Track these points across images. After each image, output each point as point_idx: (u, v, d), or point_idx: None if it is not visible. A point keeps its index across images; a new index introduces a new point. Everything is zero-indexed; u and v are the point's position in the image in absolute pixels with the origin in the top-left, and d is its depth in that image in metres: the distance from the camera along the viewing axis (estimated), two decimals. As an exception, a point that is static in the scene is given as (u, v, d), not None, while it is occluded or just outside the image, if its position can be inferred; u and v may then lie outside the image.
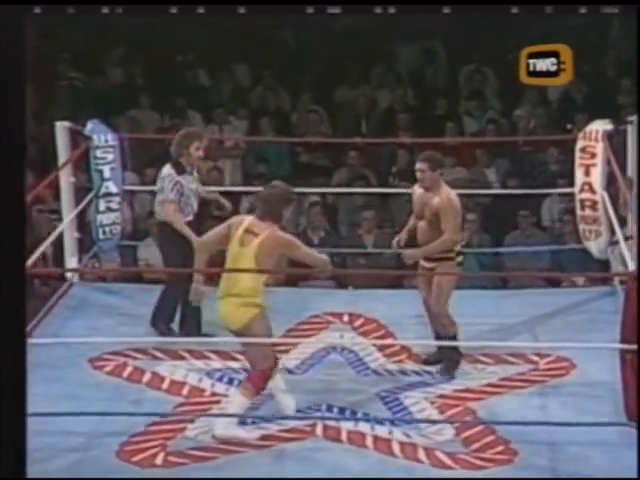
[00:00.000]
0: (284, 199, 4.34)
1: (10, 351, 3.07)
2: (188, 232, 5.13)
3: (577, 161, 5.78)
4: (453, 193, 4.75)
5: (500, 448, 4.26)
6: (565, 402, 4.56)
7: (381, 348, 5.04)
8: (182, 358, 4.98)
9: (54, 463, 4.11)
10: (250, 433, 4.32)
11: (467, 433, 4.36)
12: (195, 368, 4.90)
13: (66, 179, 5.82)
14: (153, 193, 7.15)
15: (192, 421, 4.42)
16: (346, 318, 5.44)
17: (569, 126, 7.53)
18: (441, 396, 4.66)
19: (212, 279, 4.81)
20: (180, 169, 5.20)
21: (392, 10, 3.58)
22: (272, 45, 8.80)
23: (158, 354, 5.00)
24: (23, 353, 3.10)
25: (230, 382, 4.79)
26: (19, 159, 3.03)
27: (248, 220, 4.36)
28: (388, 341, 5.14)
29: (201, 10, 3.60)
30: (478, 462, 4.19)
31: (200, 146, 5.19)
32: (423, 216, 4.78)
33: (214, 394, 4.70)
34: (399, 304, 5.45)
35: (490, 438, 4.32)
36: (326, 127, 8.27)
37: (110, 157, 5.79)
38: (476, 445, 4.29)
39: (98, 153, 5.78)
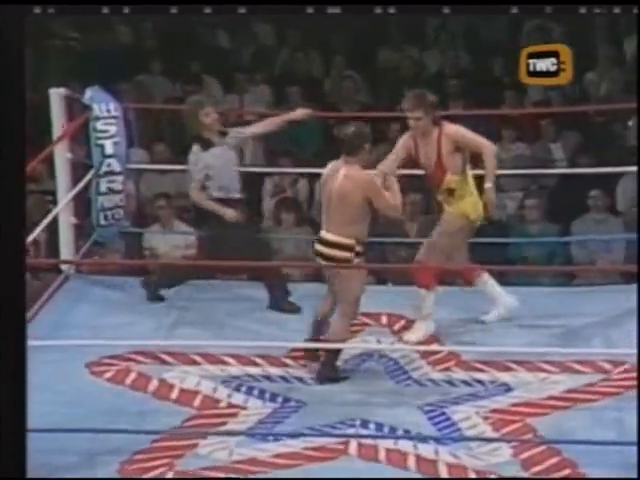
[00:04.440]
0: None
1: (9, 350, 3.28)
2: (215, 206, 5.28)
3: (658, 134, 5.70)
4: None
5: (567, 472, 4.22)
6: (643, 418, 4.50)
7: (425, 355, 5.01)
8: (195, 363, 4.99)
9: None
10: None
11: (527, 454, 4.32)
12: (209, 375, 4.91)
13: (62, 155, 5.82)
14: (163, 172, 7.19)
15: (205, 437, 4.42)
16: (384, 319, 5.41)
17: (650, 91, 7.40)
18: (496, 410, 4.63)
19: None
20: (205, 143, 5.32)
21: (392, 10, 3.81)
22: None
23: (167, 358, 5.01)
24: (23, 350, 3.27)
25: (249, 392, 4.79)
26: (20, 159, 3.24)
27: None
28: (433, 347, 5.10)
29: (201, 10, 3.90)
30: (539, 488, 4.16)
31: (210, 111, 5.34)
32: None
33: (231, 405, 4.70)
34: (447, 304, 5.40)
35: (555, 460, 4.28)
36: (364, 96, 8.22)
37: (113, 130, 5.78)
38: (538, 468, 4.24)
39: (99, 125, 5.77)
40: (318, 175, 7.11)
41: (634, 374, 4.81)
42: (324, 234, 4.89)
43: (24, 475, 3.25)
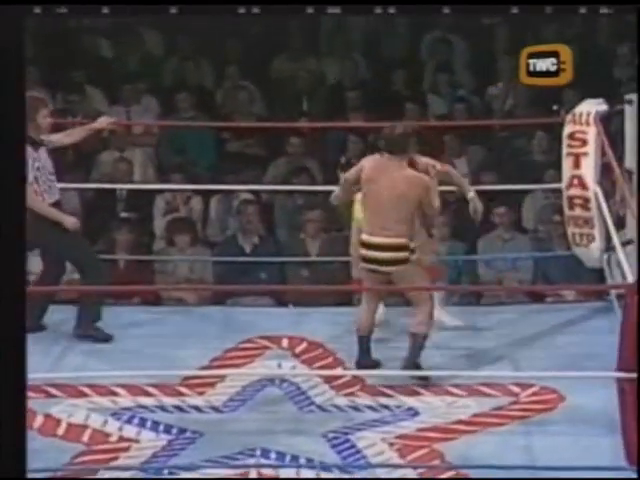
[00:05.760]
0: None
1: (9, 347, 3.42)
2: (55, 213, 5.33)
3: (565, 150, 5.89)
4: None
5: (475, 498, 4.37)
6: (552, 442, 4.67)
7: (328, 379, 5.10)
8: (83, 395, 4.99)
9: None
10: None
11: (434, 480, 4.45)
12: (99, 407, 4.93)
13: None
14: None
15: (95, 473, 4.44)
16: (285, 343, 5.49)
17: (555, 106, 7.67)
18: (402, 436, 4.74)
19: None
20: (35, 144, 5.36)
21: (392, 10, 4.05)
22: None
23: (52, 391, 5.00)
24: (23, 347, 3.38)
25: (142, 424, 4.82)
26: (19, 159, 3.31)
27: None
28: (337, 371, 5.21)
29: (200, 10, 4.16)
30: (447, 515, 4.30)
31: (47, 114, 5.42)
32: None
33: (122, 439, 4.73)
34: (350, 325, 5.52)
35: (463, 485, 4.42)
36: (259, 107, 8.32)
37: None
38: (445, 495, 4.38)
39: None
40: (212, 192, 7.27)
41: (543, 397, 5.00)
42: (374, 238, 5.04)
43: (24, 475, 3.32)
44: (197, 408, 4.94)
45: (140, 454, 4.63)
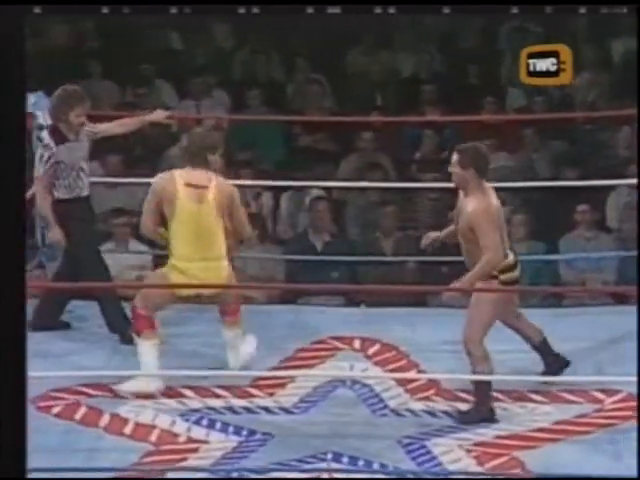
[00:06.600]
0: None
1: (10, 342, 3.44)
2: (49, 218, 5.36)
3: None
4: (493, 198, 4.86)
5: (556, 509, 4.31)
6: (640, 451, 4.58)
7: (402, 382, 5.07)
8: (150, 395, 4.99)
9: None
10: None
11: (514, 490, 4.40)
12: (166, 408, 4.93)
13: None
14: (113, 185, 7.18)
15: (164, 474, 4.44)
16: (358, 344, 5.47)
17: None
18: (480, 443, 4.69)
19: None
20: (59, 137, 5.35)
21: (392, 10, 4.05)
22: (260, -1, 8.81)
23: (119, 390, 5.02)
24: (23, 343, 3.44)
25: (211, 425, 4.81)
26: (19, 159, 3.38)
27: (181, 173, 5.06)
28: (411, 374, 5.16)
29: (200, 10, 4.24)
30: (528, 527, 4.24)
31: (82, 112, 5.38)
32: (457, 223, 4.87)
33: (190, 440, 4.73)
34: (425, 327, 5.48)
35: (544, 496, 4.37)
36: (331, 102, 8.30)
37: (59, 140, 5.77)
38: (525, 505, 4.34)
39: (43, 135, 5.68)
40: (283, 188, 7.26)
41: (630, 403, 4.90)
42: (511, 257, 4.91)
43: (24, 475, 3.36)
44: (267, 409, 4.93)
45: (209, 455, 4.63)
